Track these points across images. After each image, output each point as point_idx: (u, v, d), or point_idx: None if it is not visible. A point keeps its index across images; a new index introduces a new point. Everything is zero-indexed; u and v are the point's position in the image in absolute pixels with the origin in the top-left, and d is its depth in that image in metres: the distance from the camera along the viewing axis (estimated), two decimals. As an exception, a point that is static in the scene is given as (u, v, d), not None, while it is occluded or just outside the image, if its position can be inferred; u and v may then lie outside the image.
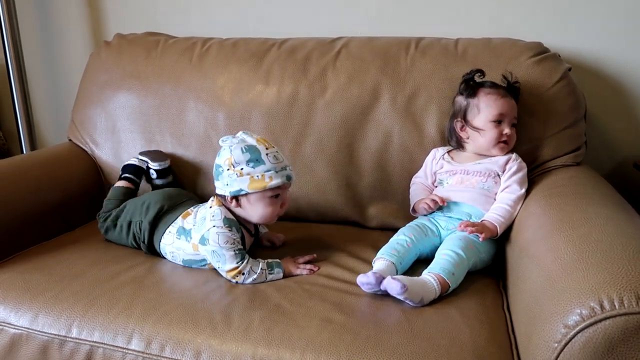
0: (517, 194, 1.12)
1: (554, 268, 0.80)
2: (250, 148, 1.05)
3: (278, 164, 1.05)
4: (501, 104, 1.17)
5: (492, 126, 1.17)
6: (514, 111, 1.19)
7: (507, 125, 1.18)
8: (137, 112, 1.46)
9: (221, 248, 1.04)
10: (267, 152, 1.05)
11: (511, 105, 1.18)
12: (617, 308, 0.66)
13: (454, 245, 1.04)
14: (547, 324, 0.73)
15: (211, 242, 1.05)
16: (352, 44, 1.40)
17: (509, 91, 1.20)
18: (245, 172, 1.04)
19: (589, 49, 1.43)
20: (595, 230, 0.83)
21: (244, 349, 0.85)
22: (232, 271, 1.04)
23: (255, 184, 1.04)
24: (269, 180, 1.04)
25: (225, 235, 1.05)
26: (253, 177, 1.04)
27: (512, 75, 1.22)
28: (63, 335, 0.93)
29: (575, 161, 1.24)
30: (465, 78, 1.22)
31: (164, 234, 1.14)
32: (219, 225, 1.06)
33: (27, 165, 1.34)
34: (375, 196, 1.33)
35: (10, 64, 1.75)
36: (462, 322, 0.89)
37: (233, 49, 1.46)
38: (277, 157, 1.06)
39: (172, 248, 1.13)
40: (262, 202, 1.06)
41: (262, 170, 1.04)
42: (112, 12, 1.81)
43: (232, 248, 1.04)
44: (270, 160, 1.05)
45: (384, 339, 0.83)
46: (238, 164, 1.05)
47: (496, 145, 1.18)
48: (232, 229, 1.06)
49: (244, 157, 1.04)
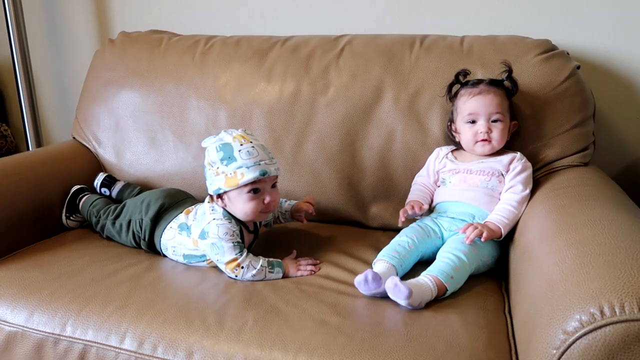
0: (522, 194, 1.09)
1: (555, 272, 0.77)
2: (224, 146, 1.05)
3: (251, 159, 1.03)
4: (471, 104, 1.15)
5: (468, 127, 1.16)
6: (491, 106, 1.14)
7: (483, 123, 1.14)
8: (140, 110, 1.46)
9: (220, 240, 1.04)
10: (240, 148, 1.04)
11: (487, 101, 1.14)
12: (617, 314, 0.64)
13: (456, 248, 1.02)
14: (546, 329, 0.70)
15: (211, 235, 1.05)
16: (356, 42, 1.38)
17: (495, 85, 1.16)
18: (221, 171, 1.04)
19: (600, 47, 1.40)
20: (598, 233, 0.81)
21: (237, 349, 0.83)
22: (231, 263, 1.03)
23: (229, 181, 1.03)
24: (241, 176, 1.02)
25: (225, 227, 1.05)
26: (227, 175, 1.04)
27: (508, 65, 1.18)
28: (57, 334, 0.93)
29: (583, 161, 1.21)
30: (449, 83, 1.21)
31: (165, 230, 1.14)
32: (219, 217, 1.07)
33: (29, 163, 1.35)
34: (377, 196, 1.31)
35: (16, 62, 1.76)
36: (460, 326, 0.87)
37: (236, 46, 1.45)
38: (250, 152, 1.04)
39: (173, 243, 1.13)
40: (241, 198, 1.05)
41: (234, 168, 1.03)
42: (118, 10, 1.82)
43: (231, 240, 1.04)
44: (242, 157, 1.03)
45: (378, 343, 0.81)
46: (214, 163, 1.05)
47: (475, 144, 1.16)
48: (231, 221, 1.07)
49: (217, 155, 1.04)
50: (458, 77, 1.20)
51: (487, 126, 1.14)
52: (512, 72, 1.17)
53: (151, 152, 1.44)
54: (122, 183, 1.42)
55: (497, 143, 1.15)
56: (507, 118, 1.15)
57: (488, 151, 1.16)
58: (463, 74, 1.20)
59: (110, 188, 1.40)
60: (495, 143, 1.15)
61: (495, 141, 1.14)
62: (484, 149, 1.16)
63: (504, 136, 1.15)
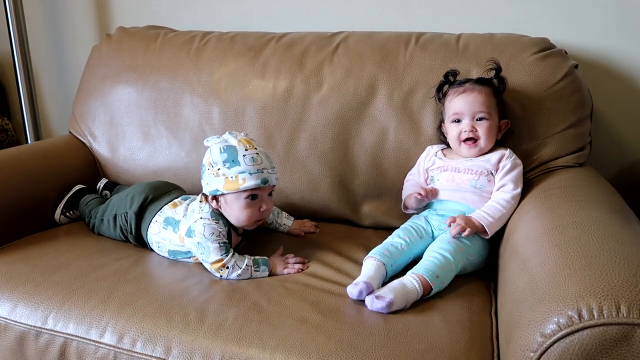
0: (512, 193, 1.07)
1: (538, 272, 0.75)
2: (229, 148, 1.04)
3: (254, 166, 1.03)
4: (456, 103, 1.14)
5: (453, 126, 1.15)
6: (475, 105, 1.12)
7: (467, 122, 1.13)
8: (134, 106, 1.46)
9: (206, 240, 1.03)
10: (245, 153, 1.03)
11: (471, 100, 1.12)
12: (595, 318, 0.62)
13: (442, 247, 1.00)
14: (524, 331, 0.69)
15: (197, 234, 1.05)
16: (351, 39, 1.37)
17: (481, 83, 1.14)
18: (221, 173, 1.04)
19: (600, 46, 1.37)
20: (584, 234, 0.79)
21: (215, 345, 0.83)
22: (216, 264, 1.03)
23: (229, 184, 1.03)
24: (242, 182, 1.02)
25: (210, 227, 1.04)
26: (228, 178, 1.03)
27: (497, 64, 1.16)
28: (39, 327, 0.93)
29: (578, 162, 1.19)
30: (438, 83, 1.20)
31: (151, 223, 1.14)
32: (206, 217, 1.06)
33: (24, 157, 1.35)
34: (369, 194, 1.30)
35: (16, 56, 1.77)
36: (443, 327, 0.85)
37: (231, 42, 1.45)
38: (254, 159, 1.04)
39: (158, 238, 1.12)
40: (238, 203, 1.04)
41: (236, 172, 1.02)
42: (118, 6, 1.82)
43: (216, 240, 1.04)
44: (246, 162, 1.03)
45: (356, 342, 0.80)
46: (216, 164, 1.05)
47: (460, 145, 1.15)
48: (218, 222, 1.06)
49: (220, 157, 1.04)
50: (447, 77, 1.19)
51: (472, 125, 1.12)
52: (500, 70, 1.16)
53: (145, 147, 1.44)
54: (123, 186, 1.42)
55: (484, 142, 1.13)
56: (494, 116, 1.13)
57: (475, 153, 1.14)
58: (452, 74, 1.18)
59: (112, 191, 1.41)
60: (482, 142, 1.13)
61: (482, 140, 1.13)
62: (470, 152, 1.14)
63: (490, 134, 1.13)
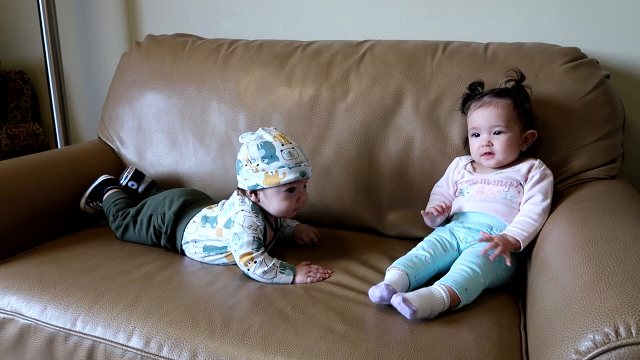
0: (542, 205, 1.05)
1: (571, 287, 0.74)
2: (266, 144, 1.07)
3: (292, 160, 1.07)
4: (475, 117, 1.14)
5: (473, 140, 1.16)
6: (491, 119, 1.11)
7: (484, 137, 1.13)
8: (162, 112, 1.48)
9: (243, 231, 1.06)
10: (282, 148, 1.07)
11: (487, 114, 1.12)
12: (633, 336, 0.60)
13: (471, 261, 0.98)
14: (558, 347, 0.67)
15: (236, 225, 1.08)
16: (377, 47, 1.37)
17: (500, 95, 1.13)
18: (261, 168, 1.07)
19: (631, 55, 1.34)
20: (619, 250, 0.77)
21: (240, 353, 0.83)
22: (245, 256, 1.05)
23: (270, 179, 1.06)
24: (283, 176, 1.06)
25: (250, 220, 1.08)
26: (268, 173, 1.07)
27: (518, 74, 1.14)
28: (68, 329, 0.94)
29: (610, 174, 1.16)
30: (464, 95, 1.19)
31: (188, 224, 1.17)
32: (247, 210, 1.09)
33: (54, 161, 1.38)
34: (394, 203, 1.29)
35: (48, 63, 1.82)
36: (471, 340, 0.84)
37: (258, 50, 1.46)
38: (291, 154, 1.07)
39: (195, 236, 1.15)
40: (278, 196, 1.08)
41: (276, 167, 1.06)
42: (147, 14, 1.86)
43: (252, 234, 1.06)
44: (284, 157, 1.06)
45: (383, 353, 0.79)
46: (254, 160, 1.08)
47: (480, 158, 1.15)
48: (258, 216, 1.09)
49: (259, 153, 1.07)
50: (471, 88, 1.18)
51: (488, 139, 1.12)
52: (521, 80, 1.14)
53: (171, 153, 1.46)
54: (151, 179, 1.43)
55: (501, 155, 1.12)
56: (514, 128, 1.12)
57: (493, 165, 1.14)
58: (476, 85, 1.17)
59: (139, 182, 1.41)
60: (499, 156, 1.12)
61: (499, 153, 1.12)
62: (489, 163, 1.14)
63: (508, 147, 1.12)
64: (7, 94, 2.01)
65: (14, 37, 2.11)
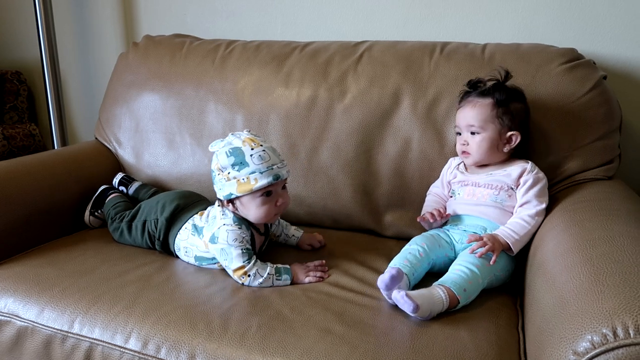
0: (536, 208, 1.05)
1: (568, 288, 0.74)
2: (235, 151, 1.04)
3: (263, 164, 1.03)
4: (457, 116, 1.17)
5: (457, 138, 1.17)
6: (467, 118, 1.12)
7: (463, 135, 1.14)
8: (160, 113, 1.48)
9: (230, 246, 1.04)
10: (252, 152, 1.03)
11: (465, 113, 1.13)
12: (631, 336, 0.60)
13: (469, 261, 0.99)
14: (556, 348, 0.67)
15: (220, 240, 1.05)
16: (375, 48, 1.37)
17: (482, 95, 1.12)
18: (232, 176, 1.03)
19: (628, 56, 1.35)
20: (616, 250, 0.77)
21: (239, 354, 0.83)
22: (238, 270, 1.03)
23: (242, 186, 1.03)
24: (255, 182, 1.02)
25: (234, 233, 1.05)
26: (239, 180, 1.03)
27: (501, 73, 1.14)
28: (65, 331, 0.94)
29: (607, 175, 1.17)
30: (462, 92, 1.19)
31: (180, 230, 1.15)
32: (229, 223, 1.07)
33: (51, 162, 1.38)
34: (392, 204, 1.29)
35: (45, 63, 1.81)
36: (469, 341, 0.84)
37: (256, 51, 1.46)
38: (262, 157, 1.03)
39: (186, 244, 1.13)
40: (254, 203, 1.05)
41: (246, 173, 1.02)
42: (144, 14, 1.85)
43: (239, 247, 1.04)
44: (254, 162, 1.02)
45: (381, 354, 0.79)
46: (225, 168, 1.04)
47: (460, 155, 1.17)
48: (241, 227, 1.06)
49: (228, 160, 1.03)
50: (470, 85, 1.17)
51: (464, 138, 1.14)
52: (503, 80, 1.14)
53: (169, 154, 1.46)
54: (139, 183, 1.44)
55: (476, 155, 1.13)
56: (490, 129, 1.11)
57: (471, 163, 1.16)
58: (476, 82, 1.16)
59: (128, 187, 1.42)
60: (474, 155, 1.13)
61: (474, 153, 1.13)
62: (467, 161, 1.16)
63: (481, 148, 1.12)
64: (4, 94, 2.01)
65: (10, 37, 2.10)
